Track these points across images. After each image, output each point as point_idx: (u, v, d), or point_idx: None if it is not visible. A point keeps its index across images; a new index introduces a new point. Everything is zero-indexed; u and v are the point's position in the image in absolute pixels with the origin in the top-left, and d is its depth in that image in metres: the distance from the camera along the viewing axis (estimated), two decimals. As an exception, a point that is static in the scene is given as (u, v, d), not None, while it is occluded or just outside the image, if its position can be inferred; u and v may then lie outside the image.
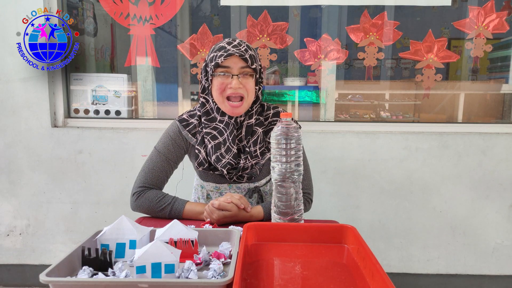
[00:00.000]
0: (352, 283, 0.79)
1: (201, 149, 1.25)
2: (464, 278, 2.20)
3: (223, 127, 1.24)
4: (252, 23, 2.17)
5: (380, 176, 2.12)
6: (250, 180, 1.31)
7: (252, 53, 1.19)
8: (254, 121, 1.26)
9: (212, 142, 1.23)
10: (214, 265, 0.81)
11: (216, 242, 0.95)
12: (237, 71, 1.17)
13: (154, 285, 0.71)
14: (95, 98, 2.28)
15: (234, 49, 1.15)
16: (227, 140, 1.23)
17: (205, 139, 1.25)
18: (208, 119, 1.26)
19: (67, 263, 0.80)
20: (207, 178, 1.32)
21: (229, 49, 1.16)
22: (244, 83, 1.17)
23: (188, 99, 2.67)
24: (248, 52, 1.17)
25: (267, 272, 0.83)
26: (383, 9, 2.18)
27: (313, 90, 2.42)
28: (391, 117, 2.41)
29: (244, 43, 1.20)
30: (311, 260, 0.89)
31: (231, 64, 1.16)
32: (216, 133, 1.24)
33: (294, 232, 0.98)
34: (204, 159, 1.25)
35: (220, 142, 1.23)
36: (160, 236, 0.88)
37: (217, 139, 1.24)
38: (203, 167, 1.26)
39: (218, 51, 1.18)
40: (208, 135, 1.24)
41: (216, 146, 1.23)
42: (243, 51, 1.16)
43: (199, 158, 1.26)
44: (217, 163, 1.23)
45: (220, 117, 1.24)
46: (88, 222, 2.20)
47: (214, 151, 1.23)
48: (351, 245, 0.94)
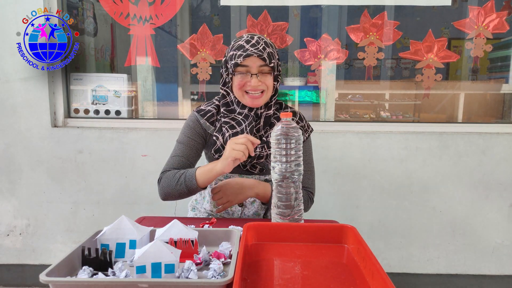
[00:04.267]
0: (352, 283, 0.79)
1: (219, 135, 1.28)
2: (464, 278, 2.20)
3: (242, 119, 1.27)
4: (252, 23, 2.17)
5: (380, 176, 2.12)
6: (262, 172, 1.33)
7: (270, 50, 1.22)
8: (272, 112, 1.30)
9: (230, 131, 1.27)
10: (214, 265, 0.81)
11: (216, 242, 0.95)
12: (256, 70, 1.20)
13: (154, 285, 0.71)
14: (95, 98, 2.28)
15: (252, 49, 1.18)
16: (245, 130, 1.26)
17: (223, 128, 1.28)
18: (228, 110, 1.29)
19: (67, 263, 0.80)
20: None
21: (247, 48, 1.18)
22: (263, 80, 1.21)
23: (188, 99, 2.67)
24: (266, 51, 1.20)
25: (267, 272, 0.83)
26: (383, 9, 2.18)
27: (313, 90, 2.42)
28: (391, 117, 2.41)
29: (262, 40, 1.22)
30: (311, 260, 0.89)
31: (250, 63, 1.19)
32: (235, 123, 1.28)
33: (294, 232, 0.98)
34: (222, 145, 1.28)
35: (238, 131, 1.27)
36: (160, 236, 0.88)
37: (235, 128, 1.27)
38: (219, 154, 1.28)
39: (237, 49, 1.20)
40: (227, 124, 1.28)
41: (234, 135, 1.26)
42: (261, 50, 1.19)
43: (217, 145, 1.28)
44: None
45: (240, 109, 1.28)
46: (88, 222, 2.20)
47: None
48: (351, 245, 0.93)
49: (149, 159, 2.16)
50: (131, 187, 2.18)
